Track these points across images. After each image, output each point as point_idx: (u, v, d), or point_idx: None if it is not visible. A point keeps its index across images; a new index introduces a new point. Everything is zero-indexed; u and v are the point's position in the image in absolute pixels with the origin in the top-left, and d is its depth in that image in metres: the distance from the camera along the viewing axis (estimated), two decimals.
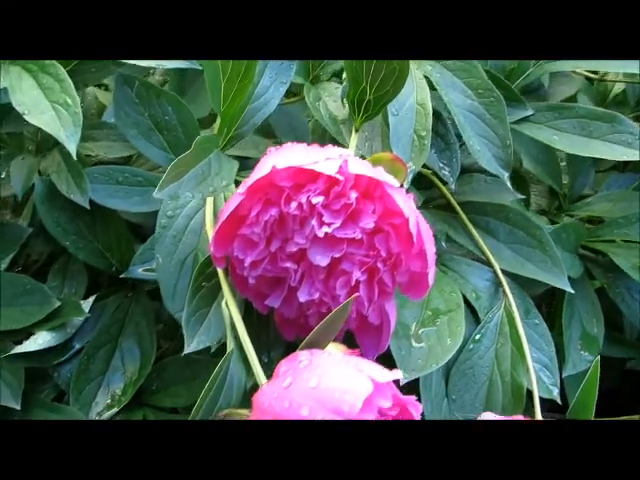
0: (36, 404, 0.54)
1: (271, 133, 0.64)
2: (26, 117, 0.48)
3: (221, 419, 0.39)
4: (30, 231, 0.58)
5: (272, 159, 0.40)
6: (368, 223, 0.39)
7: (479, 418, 0.47)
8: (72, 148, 0.47)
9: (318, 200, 0.39)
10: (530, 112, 0.56)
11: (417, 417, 0.36)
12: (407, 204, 0.39)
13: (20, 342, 0.54)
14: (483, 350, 0.51)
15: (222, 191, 0.44)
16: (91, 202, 0.55)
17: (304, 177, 0.39)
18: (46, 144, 0.59)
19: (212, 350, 0.53)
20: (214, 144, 0.45)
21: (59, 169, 0.56)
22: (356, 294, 0.39)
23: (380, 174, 0.39)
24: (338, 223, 0.39)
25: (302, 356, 0.36)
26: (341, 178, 0.39)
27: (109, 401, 0.56)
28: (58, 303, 0.54)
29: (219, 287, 0.45)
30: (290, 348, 0.44)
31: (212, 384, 0.39)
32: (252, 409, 0.36)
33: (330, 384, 0.33)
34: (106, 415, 0.55)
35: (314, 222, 0.39)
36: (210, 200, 0.48)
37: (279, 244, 0.41)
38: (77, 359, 0.56)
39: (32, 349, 0.53)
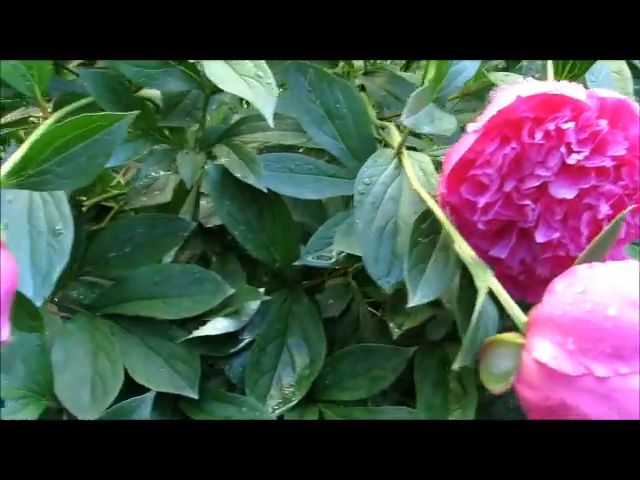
0: (209, 395, 0.52)
1: None
2: (221, 86, 0.48)
3: None
4: (194, 225, 0.57)
5: (511, 91, 0.39)
6: (618, 150, 0.38)
7: None
8: (269, 114, 0.47)
9: (568, 126, 0.37)
10: None
11: None
12: None
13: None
14: None
15: (449, 133, 0.43)
16: (260, 193, 0.54)
17: (548, 106, 0.38)
18: (208, 140, 0.59)
19: (395, 337, 0.51)
20: (430, 96, 0.44)
21: (230, 157, 0.55)
22: (633, 206, 0.37)
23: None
24: (587, 151, 0.38)
25: (582, 269, 0.34)
26: (590, 104, 0.38)
27: (283, 396, 0.53)
28: (231, 290, 0.52)
29: (434, 243, 0.44)
30: None
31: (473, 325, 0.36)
32: (528, 327, 0.34)
33: (636, 282, 0.31)
34: (281, 410, 0.52)
35: (563, 150, 0.38)
36: (409, 163, 0.47)
37: (514, 183, 0.40)
38: (249, 352, 0.54)
39: (210, 333, 0.51)
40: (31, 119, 0.67)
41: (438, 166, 0.49)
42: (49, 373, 0.47)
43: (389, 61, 0.76)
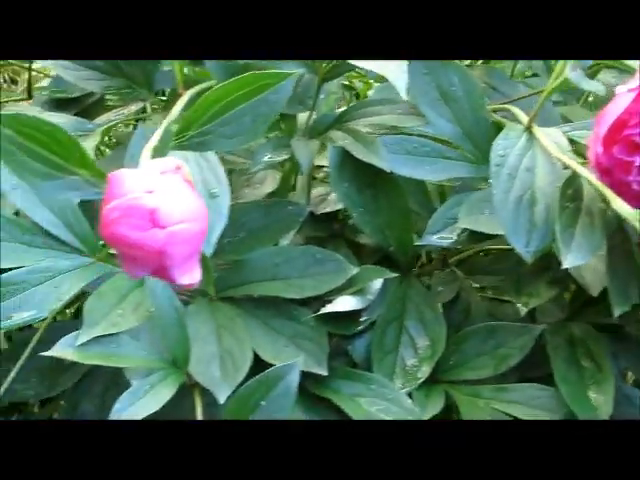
0: (336, 373, 0.51)
1: None
2: (352, 62, 0.49)
3: None
4: (308, 210, 0.57)
5: None
6: None
7: None
8: (402, 87, 0.47)
9: None
10: None
11: None
12: None
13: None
14: None
15: (602, 92, 0.43)
16: (376, 177, 0.55)
17: None
18: (320, 127, 0.59)
19: (522, 314, 0.51)
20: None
21: (348, 141, 0.55)
22: None
23: None
24: None
25: None
26: None
27: (407, 376, 0.53)
28: (355, 269, 0.52)
29: (579, 209, 0.44)
30: None
31: None
32: None
33: None
34: (407, 390, 0.52)
35: None
36: (541, 136, 0.48)
37: None
38: (370, 332, 0.54)
39: (340, 310, 0.51)
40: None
41: None
42: (187, 347, 0.47)
43: None
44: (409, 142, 0.55)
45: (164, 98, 0.70)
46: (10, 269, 0.48)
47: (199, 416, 0.47)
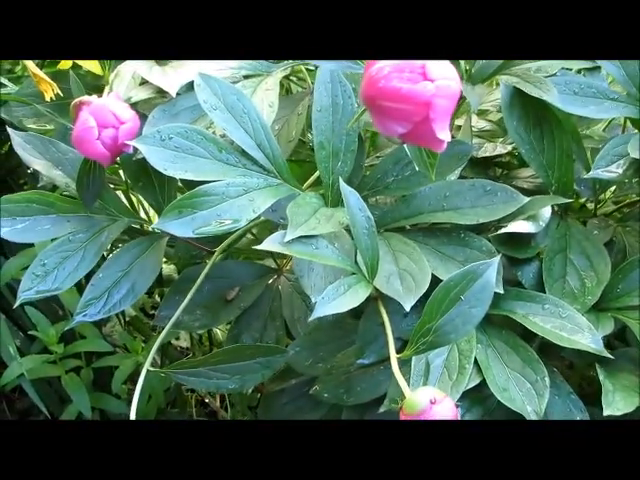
0: (508, 295, 0.54)
1: None
2: None
3: None
4: (473, 150, 0.60)
5: None
6: None
7: None
8: None
9: None
10: None
11: None
12: None
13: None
14: None
15: None
16: (543, 118, 0.58)
17: None
18: (481, 74, 0.62)
19: None
20: None
21: (516, 80, 0.58)
22: None
23: None
24: None
25: None
26: None
27: (575, 302, 0.54)
28: (524, 199, 0.55)
29: None
30: None
31: None
32: None
33: None
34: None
35: None
36: None
37: None
38: (537, 261, 0.56)
39: (515, 231, 0.54)
40: None
41: None
42: (376, 256, 0.49)
43: None
44: (576, 83, 0.58)
45: None
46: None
47: (386, 322, 0.49)
